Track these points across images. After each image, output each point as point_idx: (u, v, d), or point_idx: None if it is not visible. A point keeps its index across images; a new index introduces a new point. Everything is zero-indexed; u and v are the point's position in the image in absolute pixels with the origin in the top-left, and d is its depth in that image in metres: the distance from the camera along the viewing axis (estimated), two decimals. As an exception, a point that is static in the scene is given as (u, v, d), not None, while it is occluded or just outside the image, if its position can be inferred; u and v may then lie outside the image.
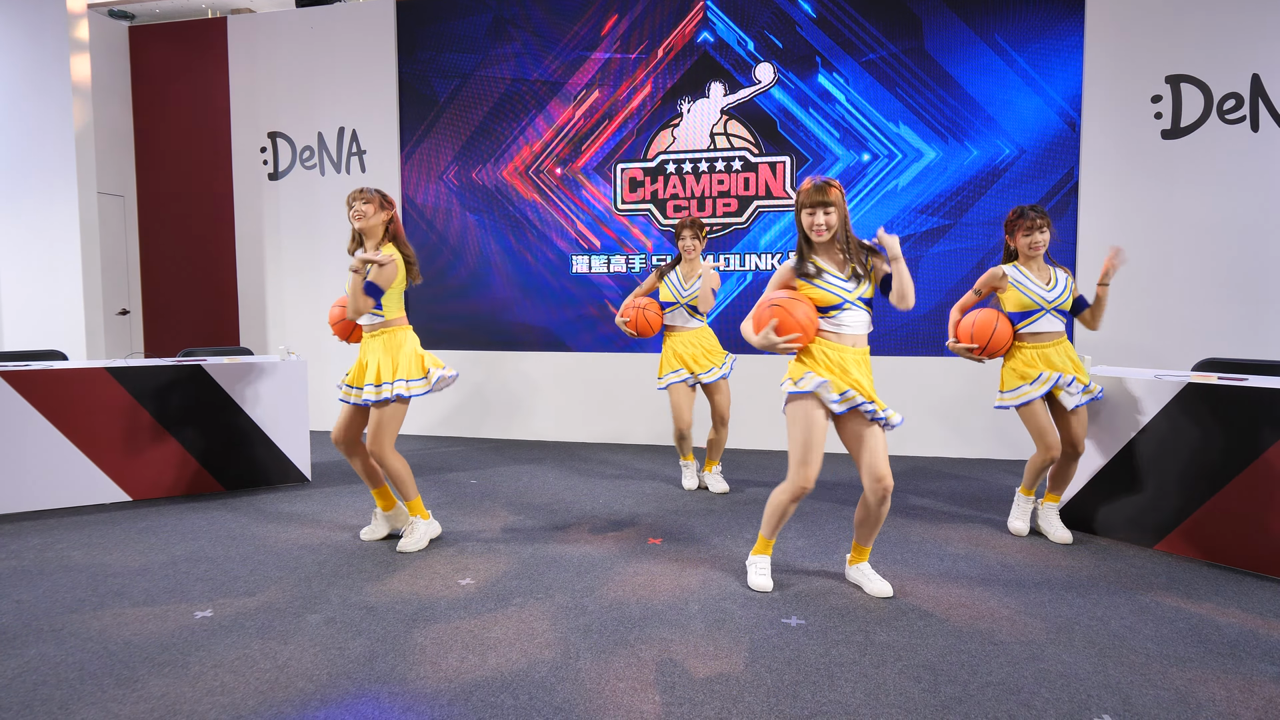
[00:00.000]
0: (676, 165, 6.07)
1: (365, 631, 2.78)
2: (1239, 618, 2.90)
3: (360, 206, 3.53)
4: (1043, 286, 3.64)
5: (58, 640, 2.72)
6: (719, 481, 4.75)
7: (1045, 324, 3.66)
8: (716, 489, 4.72)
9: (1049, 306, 3.63)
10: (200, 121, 7.06)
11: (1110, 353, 5.33)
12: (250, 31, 6.88)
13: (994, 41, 5.48)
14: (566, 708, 2.28)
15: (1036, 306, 3.64)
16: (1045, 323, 3.66)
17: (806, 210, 2.91)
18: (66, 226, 6.19)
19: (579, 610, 2.96)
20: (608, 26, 6.12)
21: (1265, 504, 3.28)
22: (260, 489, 4.79)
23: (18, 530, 3.98)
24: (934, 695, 2.35)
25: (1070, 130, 5.41)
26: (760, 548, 3.24)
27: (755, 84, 5.89)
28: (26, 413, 4.22)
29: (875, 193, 5.74)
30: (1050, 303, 3.63)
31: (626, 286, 6.23)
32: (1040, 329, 3.67)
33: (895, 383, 5.69)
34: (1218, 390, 3.43)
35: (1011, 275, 3.67)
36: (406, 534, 3.70)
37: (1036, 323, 3.66)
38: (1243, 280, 5.15)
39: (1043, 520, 3.85)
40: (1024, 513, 3.90)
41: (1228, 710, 2.27)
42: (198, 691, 2.38)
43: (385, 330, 3.63)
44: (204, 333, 7.13)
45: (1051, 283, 3.66)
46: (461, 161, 6.49)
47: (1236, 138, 5.12)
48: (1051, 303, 3.63)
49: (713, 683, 2.43)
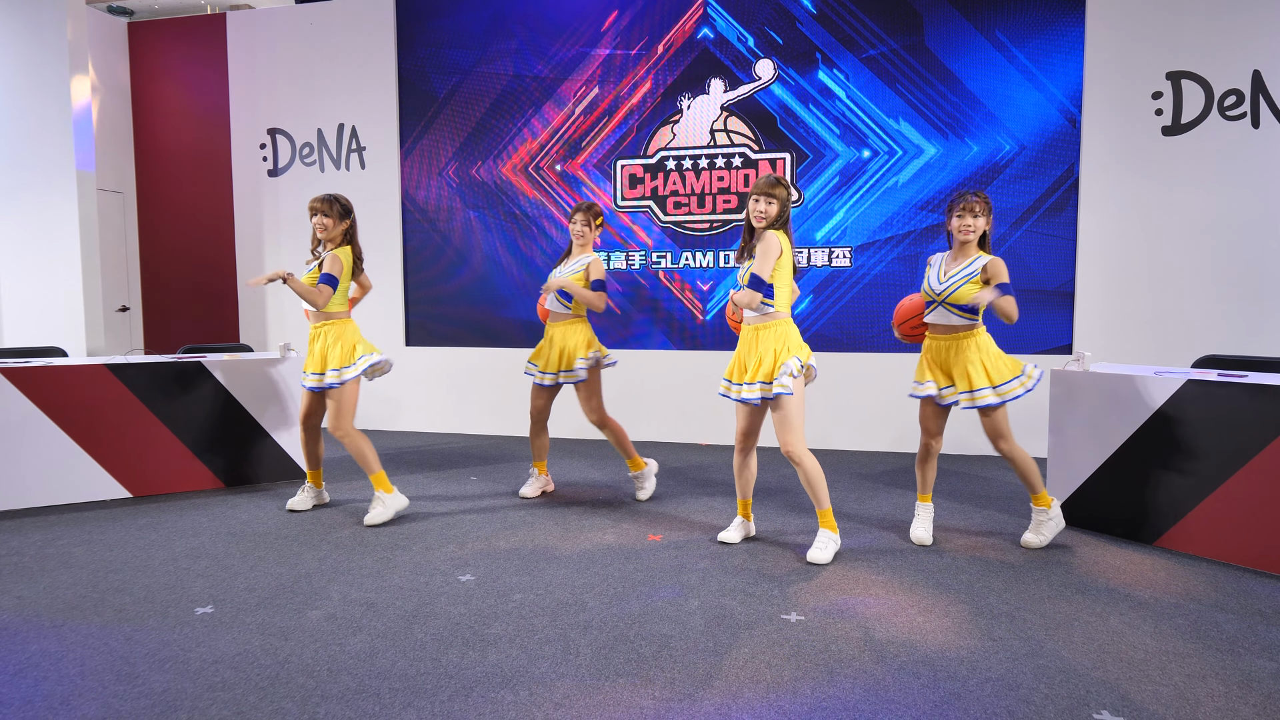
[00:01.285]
0: (676, 162, 6.07)
1: (365, 628, 2.79)
2: (1238, 614, 2.90)
3: (323, 220, 3.90)
4: (937, 278, 3.52)
5: (59, 636, 2.73)
6: (643, 488, 4.45)
7: (937, 316, 3.54)
8: (641, 496, 4.45)
9: (936, 299, 3.51)
10: (200, 118, 7.05)
11: (1110, 349, 5.33)
12: (249, 27, 6.87)
13: (995, 37, 5.47)
14: (566, 704, 2.29)
15: (927, 299, 3.57)
16: (937, 315, 3.53)
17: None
18: (66, 223, 6.19)
19: (579, 606, 2.97)
20: (608, 22, 6.11)
21: (1264, 501, 3.28)
22: (260, 485, 4.80)
23: (18, 527, 3.98)
24: (933, 691, 2.36)
25: (1071, 126, 5.41)
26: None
27: (755, 80, 5.89)
28: (27, 409, 4.22)
29: (875, 189, 5.73)
30: (938, 294, 3.50)
31: (627, 283, 6.23)
32: (934, 320, 3.56)
33: (893, 380, 5.70)
34: (1217, 387, 3.44)
35: (932, 261, 3.62)
36: (373, 507, 3.99)
37: (931, 314, 3.57)
38: (1243, 277, 5.15)
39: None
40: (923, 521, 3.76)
41: (1226, 706, 2.27)
42: (199, 687, 2.38)
43: (331, 323, 3.99)
44: (203, 329, 7.14)
45: (947, 276, 3.49)
46: (461, 158, 6.49)
47: (1237, 134, 5.12)
48: (939, 294, 3.50)
49: (712, 678, 2.43)
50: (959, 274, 3.46)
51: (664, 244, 6.14)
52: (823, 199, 5.82)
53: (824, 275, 5.86)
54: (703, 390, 6.10)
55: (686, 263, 6.10)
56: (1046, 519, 3.60)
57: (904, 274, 5.70)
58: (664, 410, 6.20)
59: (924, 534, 3.70)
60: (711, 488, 4.74)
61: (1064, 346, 5.50)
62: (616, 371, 6.28)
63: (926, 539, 3.68)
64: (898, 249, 5.71)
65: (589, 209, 4.24)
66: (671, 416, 6.20)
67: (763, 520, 4.04)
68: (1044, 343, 5.53)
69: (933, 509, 3.85)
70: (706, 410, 6.08)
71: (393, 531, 3.88)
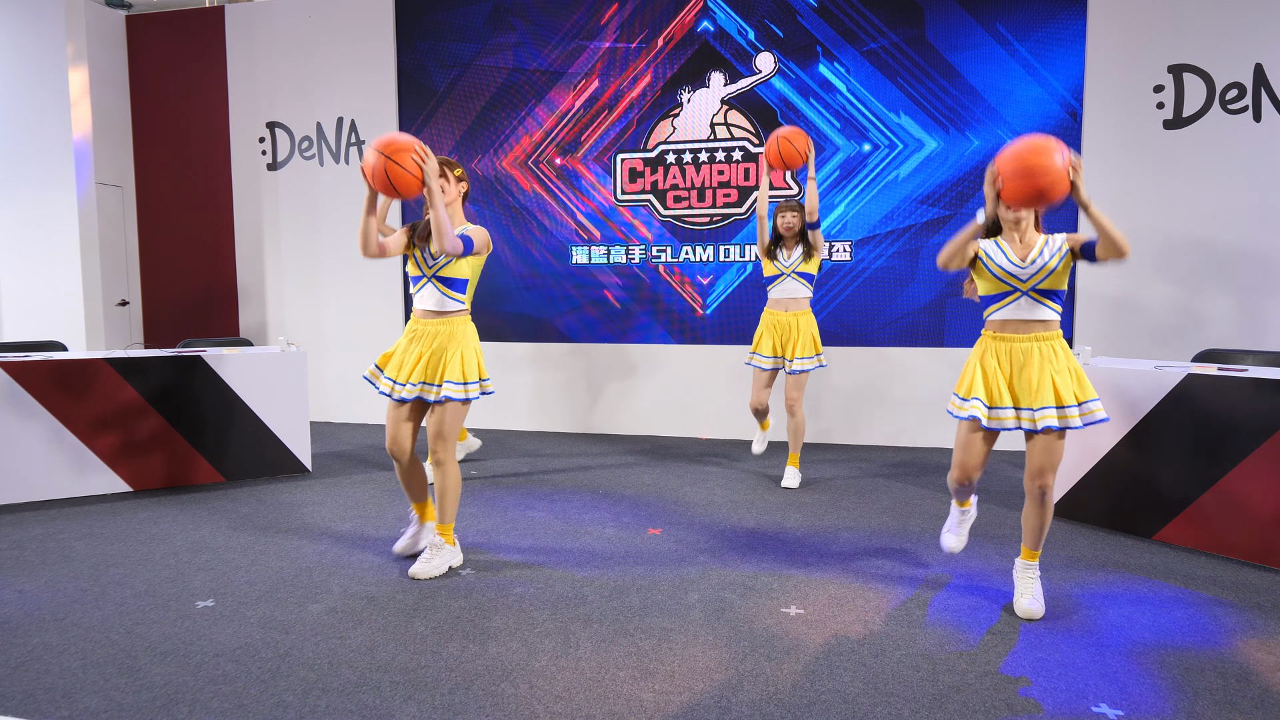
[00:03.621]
0: (676, 155, 6.05)
1: (366, 621, 2.80)
2: (1236, 607, 2.91)
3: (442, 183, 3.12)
4: (1011, 260, 2.77)
5: (60, 630, 2.73)
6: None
7: (1010, 311, 2.79)
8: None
9: (1021, 285, 2.77)
10: (198, 111, 7.03)
11: (1110, 343, 5.33)
12: (248, 20, 6.85)
13: (996, 31, 5.45)
14: (567, 696, 2.30)
15: (995, 291, 2.82)
16: (1011, 309, 2.79)
17: None
18: (65, 217, 6.18)
19: (579, 600, 2.98)
20: (607, 15, 6.09)
21: (1264, 495, 3.28)
22: (260, 480, 4.80)
23: (19, 520, 3.99)
24: (932, 684, 2.36)
25: (1072, 120, 5.39)
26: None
27: (756, 73, 5.87)
28: (27, 404, 4.22)
29: (876, 183, 5.72)
30: (1023, 281, 2.76)
31: (627, 277, 6.22)
32: (1007, 315, 2.79)
33: (894, 374, 5.70)
34: (1218, 381, 3.44)
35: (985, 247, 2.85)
36: (432, 556, 3.21)
37: (1003, 310, 2.81)
38: (1244, 271, 5.15)
39: None
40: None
41: (1224, 699, 2.28)
42: (200, 680, 2.39)
43: (454, 319, 3.20)
44: (203, 324, 7.13)
45: (1028, 260, 2.75)
46: (461, 152, 6.47)
47: (1239, 128, 5.11)
48: (1025, 280, 2.76)
49: (712, 672, 2.44)
50: (1047, 253, 2.72)
51: (664, 238, 6.13)
52: (823, 193, 5.81)
53: (824, 269, 5.86)
54: (703, 384, 6.10)
55: (686, 257, 6.10)
56: (1033, 579, 2.88)
57: (905, 268, 5.69)
58: (664, 404, 6.19)
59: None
60: (711, 481, 4.74)
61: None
62: (617, 366, 6.28)
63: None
64: (898, 243, 5.70)
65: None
66: (671, 410, 6.20)
67: (763, 520, 4.05)
68: (1044, 337, 5.52)
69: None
70: (706, 404, 6.09)
71: (393, 526, 3.88)
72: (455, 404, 3.17)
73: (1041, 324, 2.76)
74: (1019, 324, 2.77)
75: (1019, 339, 2.76)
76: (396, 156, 2.92)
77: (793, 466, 4.65)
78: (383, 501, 4.32)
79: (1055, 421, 2.68)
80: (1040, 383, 2.71)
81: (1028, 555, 2.89)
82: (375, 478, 4.85)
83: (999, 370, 2.79)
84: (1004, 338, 2.79)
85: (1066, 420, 2.69)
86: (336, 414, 6.86)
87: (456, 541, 3.33)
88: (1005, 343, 2.79)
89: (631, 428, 6.29)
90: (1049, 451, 2.72)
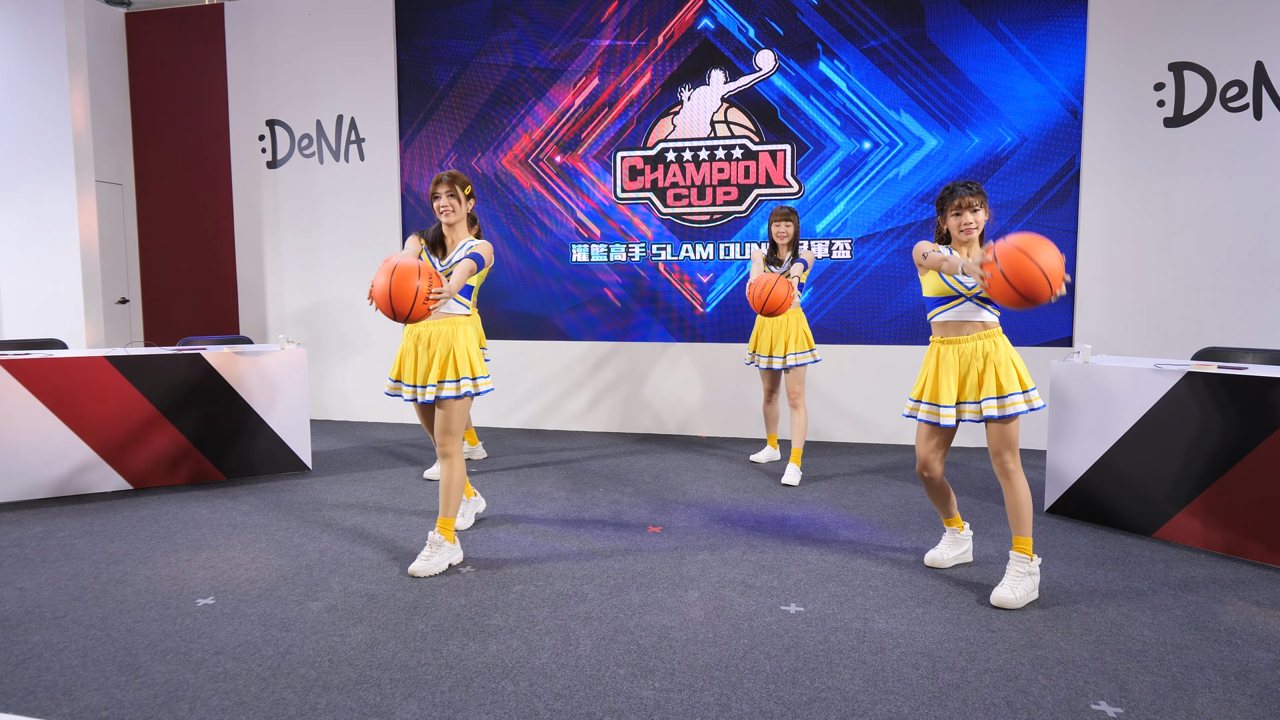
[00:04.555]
0: (676, 153, 6.05)
1: (366, 619, 2.80)
2: (1236, 605, 2.91)
3: (447, 201, 3.27)
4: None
5: (61, 627, 2.74)
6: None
7: (954, 314, 3.00)
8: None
9: (965, 293, 2.97)
10: (198, 109, 7.03)
11: (1111, 341, 5.33)
12: (248, 18, 6.84)
13: (996, 28, 5.44)
14: (567, 694, 2.30)
15: (941, 295, 3.00)
16: (955, 313, 3.00)
17: None
18: (65, 215, 6.17)
19: (579, 597, 2.98)
20: (608, 13, 6.09)
21: (1263, 493, 3.29)
22: (261, 477, 4.81)
23: (20, 518, 3.99)
24: (932, 681, 2.36)
25: (1072, 118, 5.39)
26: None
27: (756, 71, 5.86)
28: (27, 401, 4.22)
29: (876, 181, 5.72)
30: (967, 288, 2.96)
31: (626, 275, 6.22)
32: (949, 318, 3.01)
33: (893, 373, 5.70)
34: (1218, 379, 3.44)
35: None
36: (433, 554, 3.24)
37: (947, 313, 3.02)
38: (1244, 269, 5.14)
39: None
40: None
41: (1224, 697, 2.28)
42: (200, 678, 2.39)
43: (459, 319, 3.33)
44: (203, 321, 7.13)
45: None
46: (461, 149, 6.47)
47: (1239, 126, 5.10)
48: (970, 287, 2.95)
49: (712, 669, 2.44)
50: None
51: (664, 236, 6.13)
52: (823, 191, 5.81)
53: (824, 267, 5.85)
54: (702, 382, 6.10)
55: (686, 255, 6.09)
56: (1027, 573, 2.95)
57: (904, 266, 5.69)
58: (663, 401, 6.20)
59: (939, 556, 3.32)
60: (711, 479, 4.74)
61: (1064, 339, 5.49)
62: (616, 363, 6.28)
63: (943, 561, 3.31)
64: (898, 241, 5.70)
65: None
66: (671, 408, 6.20)
67: (764, 518, 4.05)
68: (1044, 335, 5.52)
69: (965, 532, 3.35)
70: (706, 401, 6.09)
71: (393, 524, 3.88)
72: (451, 400, 3.25)
73: (982, 324, 2.99)
74: (961, 325, 3.01)
75: (964, 340, 2.99)
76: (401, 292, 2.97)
77: (794, 464, 4.68)
78: (383, 499, 4.33)
79: (996, 411, 2.92)
80: (985, 377, 2.95)
81: (1016, 544, 2.99)
82: (375, 475, 4.86)
83: (951, 371, 3.01)
84: (950, 341, 3.02)
85: (1005, 409, 2.91)
86: (337, 412, 6.86)
87: (457, 539, 3.36)
88: (952, 345, 3.02)
89: (631, 425, 6.29)
90: (1001, 436, 2.96)
